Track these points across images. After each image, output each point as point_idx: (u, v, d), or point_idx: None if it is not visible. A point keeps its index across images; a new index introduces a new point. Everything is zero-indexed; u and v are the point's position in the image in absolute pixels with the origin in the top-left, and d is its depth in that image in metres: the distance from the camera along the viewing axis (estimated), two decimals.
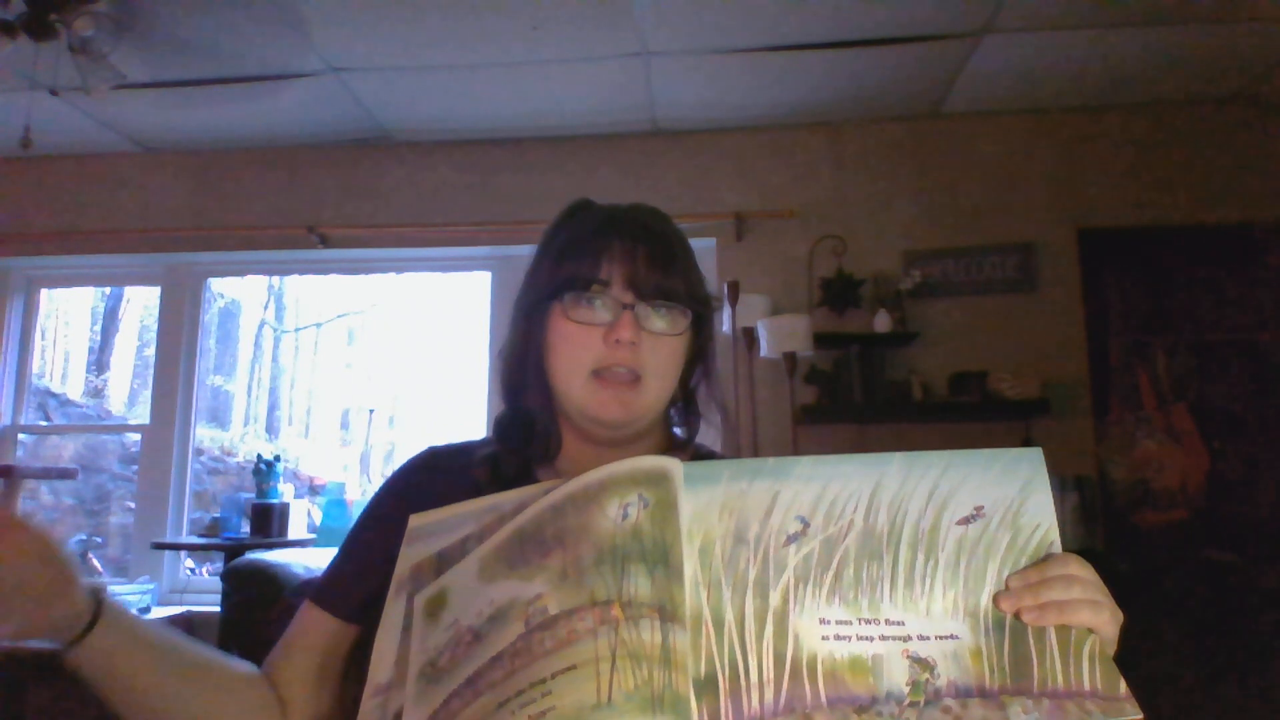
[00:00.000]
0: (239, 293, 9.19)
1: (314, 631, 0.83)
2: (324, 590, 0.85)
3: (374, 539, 0.85)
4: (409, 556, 0.67)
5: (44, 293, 3.92)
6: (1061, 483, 2.87)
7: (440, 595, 0.64)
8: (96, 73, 2.44)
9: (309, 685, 0.81)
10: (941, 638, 0.56)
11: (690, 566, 0.58)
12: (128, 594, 3.18)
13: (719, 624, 0.56)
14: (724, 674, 0.55)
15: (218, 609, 2.70)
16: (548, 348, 0.84)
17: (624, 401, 0.81)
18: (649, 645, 0.55)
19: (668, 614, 0.56)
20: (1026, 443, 3.04)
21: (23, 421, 3.79)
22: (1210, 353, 3.14)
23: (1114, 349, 3.18)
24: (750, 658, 0.55)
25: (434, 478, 0.88)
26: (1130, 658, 0.59)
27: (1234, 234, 3.18)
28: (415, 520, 0.69)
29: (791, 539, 0.59)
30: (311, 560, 2.73)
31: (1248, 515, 3.02)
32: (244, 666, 0.80)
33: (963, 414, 3.07)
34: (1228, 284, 3.18)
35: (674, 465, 0.62)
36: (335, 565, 0.87)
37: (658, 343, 0.82)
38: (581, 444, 0.87)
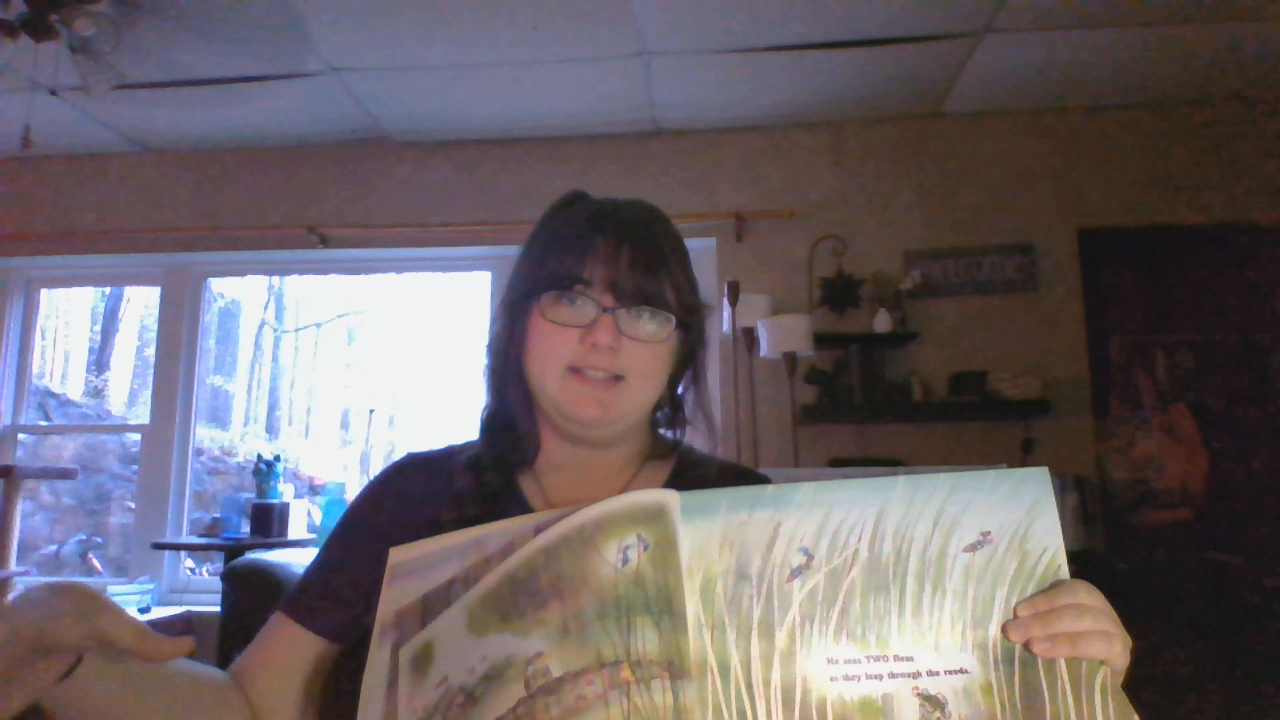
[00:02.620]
0: (239, 293, 9.19)
1: (285, 644, 0.79)
2: (294, 601, 0.81)
3: (349, 550, 0.82)
4: (391, 599, 0.64)
5: (44, 293, 3.92)
6: (1061, 483, 2.87)
7: (427, 648, 0.60)
8: (96, 73, 2.44)
9: (279, 699, 0.78)
10: (951, 672, 0.54)
11: (692, 607, 0.56)
12: (128, 594, 3.19)
13: (725, 670, 0.54)
14: None
15: (218, 609, 2.70)
16: (526, 345, 0.81)
17: (602, 401, 0.77)
18: (662, 708, 0.53)
19: (676, 670, 0.54)
20: (1026, 443, 3.05)
21: (23, 421, 3.79)
22: (1210, 353, 3.14)
23: (1114, 349, 3.18)
24: (759, 704, 0.53)
25: (413, 484, 0.85)
26: (1130, 658, 0.59)
27: (1234, 234, 3.18)
28: (396, 555, 0.65)
29: (795, 573, 0.56)
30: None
31: (1248, 515, 3.02)
32: (216, 677, 0.76)
33: (963, 414, 3.07)
34: (1228, 284, 3.18)
35: (671, 498, 0.59)
36: (308, 575, 0.83)
37: (639, 348, 0.78)
38: (560, 443, 0.84)
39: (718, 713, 0.53)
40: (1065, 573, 0.57)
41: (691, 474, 0.86)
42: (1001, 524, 0.57)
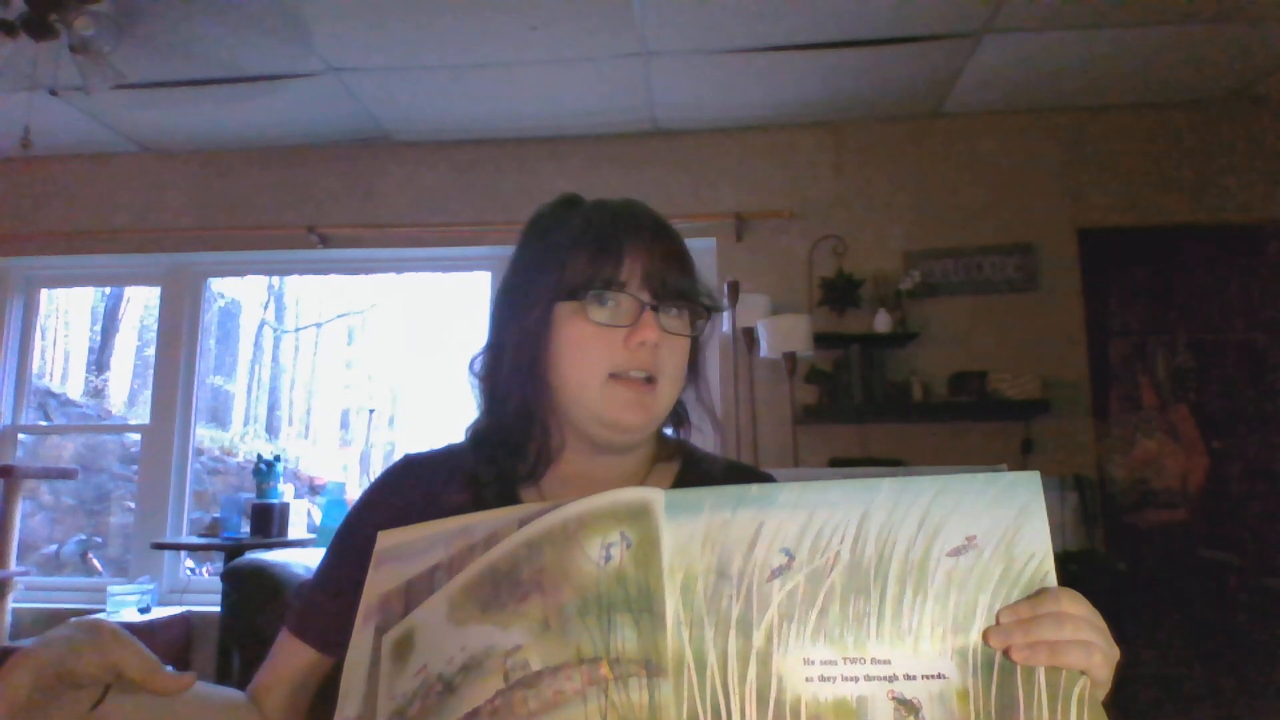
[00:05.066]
0: (239, 293, 9.19)
1: (294, 661, 0.80)
2: (301, 619, 0.81)
3: (349, 562, 0.80)
4: (377, 583, 0.64)
5: (44, 293, 3.92)
6: (1061, 483, 2.87)
7: (408, 636, 0.61)
8: (96, 72, 2.44)
9: (292, 716, 0.79)
10: (929, 677, 0.54)
11: (672, 604, 0.56)
12: (127, 594, 3.19)
13: (701, 666, 0.55)
14: (706, 719, 0.54)
15: (218, 609, 2.70)
16: (556, 351, 0.79)
17: (644, 404, 0.77)
18: (638, 706, 0.54)
19: (654, 668, 0.55)
20: (1026, 444, 3.05)
21: (23, 421, 3.79)
22: (1210, 353, 3.14)
23: (1114, 349, 3.18)
24: (733, 701, 0.54)
25: (410, 487, 0.84)
26: (1131, 658, 0.59)
27: (1234, 234, 3.18)
28: (383, 540, 0.66)
29: (776, 573, 0.56)
30: (311, 560, 2.73)
31: (1248, 515, 3.02)
32: (236, 698, 0.77)
33: (963, 414, 3.07)
34: (1228, 284, 3.18)
35: (655, 496, 0.59)
36: (311, 591, 0.83)
37: (674, 344, 0.79)
38: (575, 454, 0.83)
39: (693, 709, 0.53)
40: (1053, 580, 0.56)
41: (697, 474, 0.86)
42: (988, 528, 0.56)
